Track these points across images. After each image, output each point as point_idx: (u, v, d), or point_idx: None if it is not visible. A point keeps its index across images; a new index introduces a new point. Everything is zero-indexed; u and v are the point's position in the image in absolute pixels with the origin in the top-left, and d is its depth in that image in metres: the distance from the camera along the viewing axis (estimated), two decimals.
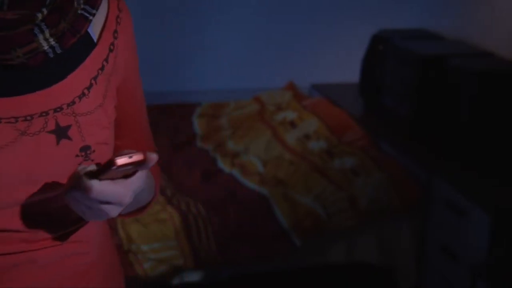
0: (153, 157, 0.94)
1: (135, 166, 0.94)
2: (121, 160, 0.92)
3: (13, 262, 1.07)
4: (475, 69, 2.84)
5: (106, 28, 1.13)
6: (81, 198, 0.96)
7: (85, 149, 1.08)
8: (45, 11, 1.03)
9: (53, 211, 1.08)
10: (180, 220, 2.62)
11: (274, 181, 2.88)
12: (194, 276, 2.63)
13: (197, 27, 3.67)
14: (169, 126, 3.43)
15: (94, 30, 1.12)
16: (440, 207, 2.73)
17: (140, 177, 0.98)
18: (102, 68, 1.12)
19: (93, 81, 1.10)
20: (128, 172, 0.96)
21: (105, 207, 0.97)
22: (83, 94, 1.09)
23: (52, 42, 1.04)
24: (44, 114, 1.05)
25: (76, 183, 0.96)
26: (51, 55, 1.04)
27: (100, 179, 0.94)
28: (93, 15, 1.09)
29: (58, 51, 1.05)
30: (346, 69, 3.83)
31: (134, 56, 1.19)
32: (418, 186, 2.82)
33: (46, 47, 1.03)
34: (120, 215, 1.11)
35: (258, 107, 3.53)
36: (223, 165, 3.05)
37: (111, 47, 1.13)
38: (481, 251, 2.50)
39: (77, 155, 1.07)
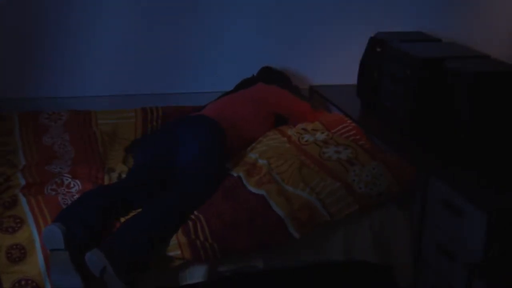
0: None
1: None
2: None
3: None
4: (471, 71, 2.86)
5: None
6: None
7: None
8: None
9: None
10: None
11: (271, 180, 2.89)
12: (195, 274, 2.66)
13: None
14: None
15: None
16: (438, 207, 2.75)
17: None
18: None
19: None
20: None
21: None
22: None
23: None
24: None
25: None
26: None
27: None
28: None
29: None
30: (345, 70, 3.86)
31: None
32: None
33: None
34: None
35: None
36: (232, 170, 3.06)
37: None
38: (478, 250, 2.52)
39: None
